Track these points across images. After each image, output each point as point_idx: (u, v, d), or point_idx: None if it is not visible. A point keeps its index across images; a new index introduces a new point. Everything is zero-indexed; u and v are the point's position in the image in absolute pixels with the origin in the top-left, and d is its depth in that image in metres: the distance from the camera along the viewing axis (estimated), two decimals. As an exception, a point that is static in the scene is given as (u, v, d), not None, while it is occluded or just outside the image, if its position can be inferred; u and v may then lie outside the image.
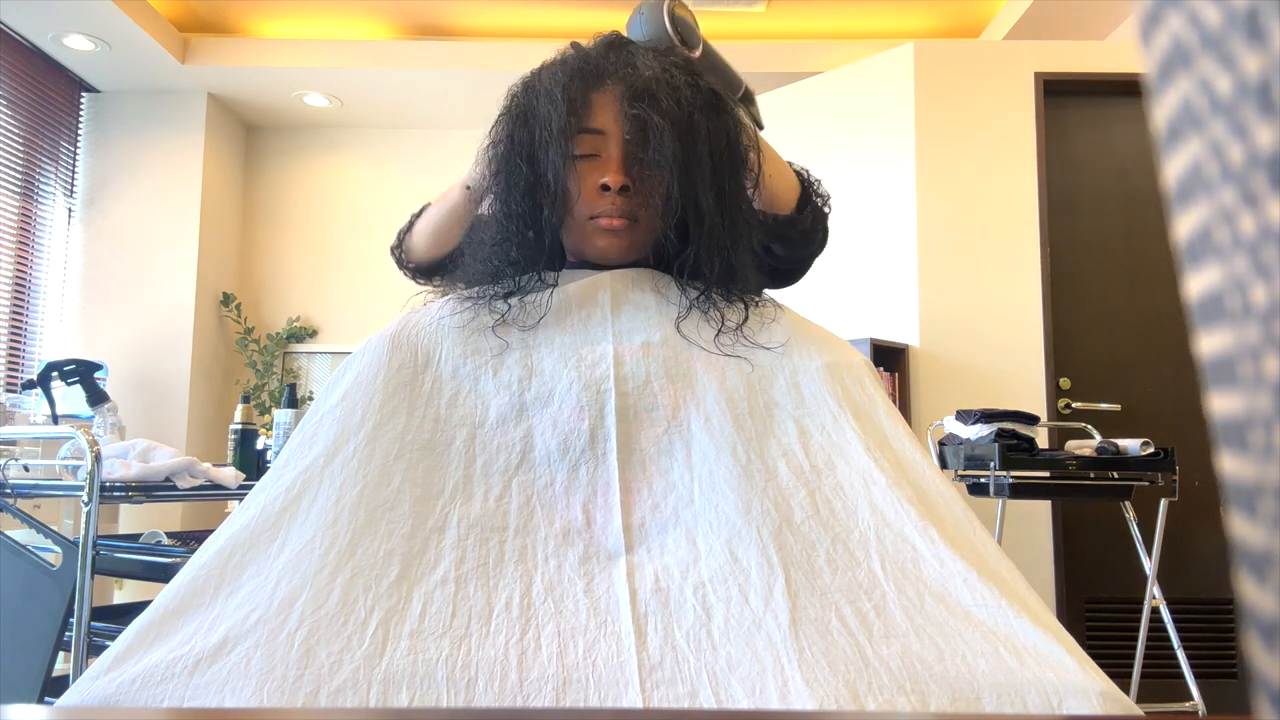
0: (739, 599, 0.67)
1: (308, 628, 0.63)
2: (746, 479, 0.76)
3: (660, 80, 0.93)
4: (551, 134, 0.92)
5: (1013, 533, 2.98)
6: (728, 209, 0.95)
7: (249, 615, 0.64)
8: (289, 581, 0.67)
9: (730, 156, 0.96)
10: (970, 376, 3.19)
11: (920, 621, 0.65)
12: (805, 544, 0.72)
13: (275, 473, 0.79)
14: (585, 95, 0.93)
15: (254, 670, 0.60)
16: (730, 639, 0.64)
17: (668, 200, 0.91)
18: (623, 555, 0.72)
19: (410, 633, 0.64)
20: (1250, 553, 0.18)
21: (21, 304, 3.89)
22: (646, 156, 0.91)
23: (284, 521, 0.73)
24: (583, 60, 0.96)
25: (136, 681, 0.60)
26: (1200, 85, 0.19)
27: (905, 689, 0.59)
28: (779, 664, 0.61)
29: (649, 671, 0.61)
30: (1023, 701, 0.59)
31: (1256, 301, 0.18)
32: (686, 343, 0.88)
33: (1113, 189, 3.31)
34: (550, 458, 0.80)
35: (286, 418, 2.25)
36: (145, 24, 3.75)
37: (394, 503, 0.74)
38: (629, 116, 0.92)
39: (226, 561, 0.70)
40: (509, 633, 0.64)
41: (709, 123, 0.94)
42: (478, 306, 0.93)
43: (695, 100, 0.94)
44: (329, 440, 0.80)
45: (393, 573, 0.68)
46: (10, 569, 1.88)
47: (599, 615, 0.66)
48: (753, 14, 3.88)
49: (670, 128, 0.91)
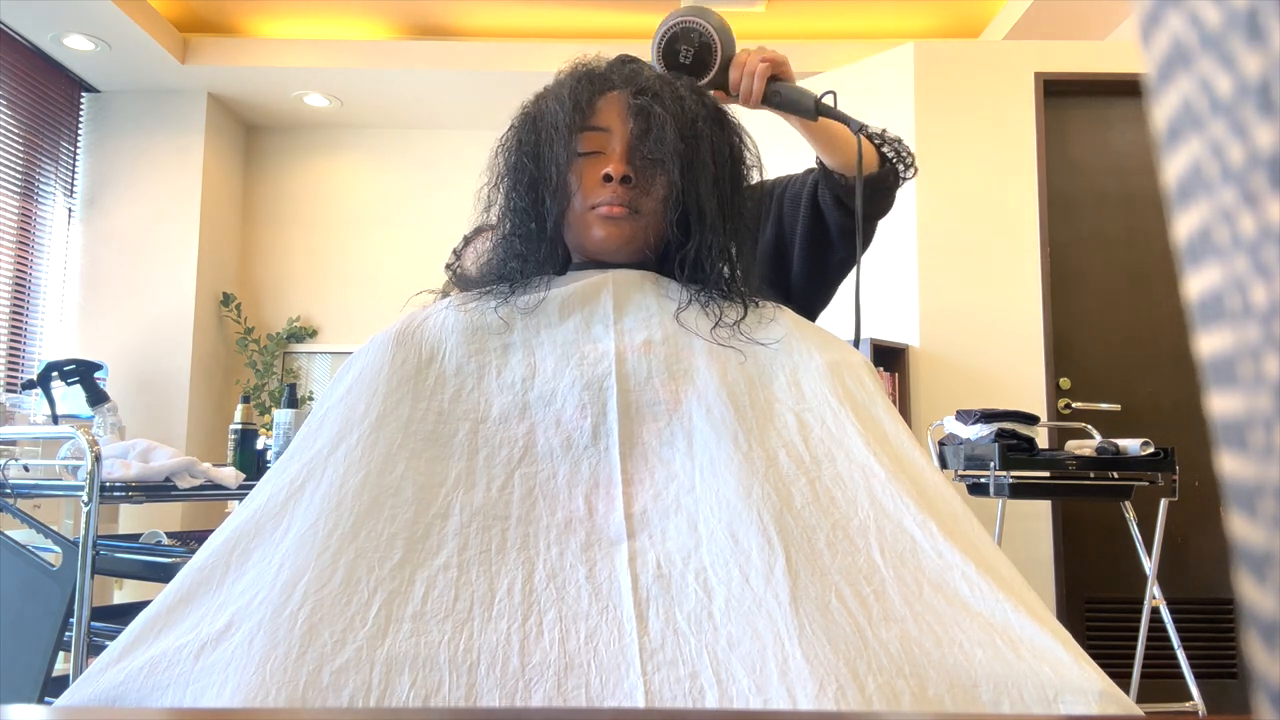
0: (740, 580, 0.67)
1: (310, 606, 0.63)
2: (748, 465, 0.77)
3: (665, 86, 0.97)
4: (557, 130, 0.94)
5: (1013, 533, 2.98)
6: (729, 210, 0.97)
7: (254, 598, 0.65)
8: (293, 562, 0.67)
9: (733, 166, 0.99)
10: (970, 376, 3.19)
11: (919, 608, 0.65)
12: (805, 527, 0.72)
13: (281, 465, 0.80)
14: (591, 97, 0.97)
15: (257, 649, 0.60)
16: (731, 619, 0.64)
17: (669, 191, 0.94)
18: (624, 541, 0.72)
19: (413, 615, 0.64)
20: (1250, 553, 0.18)
21: (21, 304, 3.89)
22: (649, 149, 0.94)
23: (289, 509, 0.74)
24: (590, 69, 1.00)
25: (144, 670, 0.61)
26: (1200, 85, 0.19)
27: (904, 672, 0.60)
28: (779, 641, 0.61)
29: (650, 655, 0.62)
30: (1019, 694, 0.59)
31: (1256, 301, 0.18)
32: (688, 340, 0.89)
33: (1113, 189, 3.31)
34: (553, 453, 0.80)
35: (286, 418, 2.25)
36: (145, 24, 3.75)
37: (397, 488, 0.74)
38: (633, 109, 0.95)
39: (233, 550, 0.71)
40: (511, 618, 0.64)
41: (713, 132, 0.97)
42: (482, 306, 0.93)
43: (699, 110, 0.97)
44: (333, 431, 0.80)
45: (396, 556, 0.68)
46: (10, 569, 1.88)
47: (600, 601, 0.66)
48: (753, 14, 3.88)
49: (673, 122, 0.94)
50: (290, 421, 2.25)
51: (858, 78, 3.50)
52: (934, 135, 3.30)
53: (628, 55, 1.04)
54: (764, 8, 3.82)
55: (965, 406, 2.64)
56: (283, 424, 2.25)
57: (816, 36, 4.05)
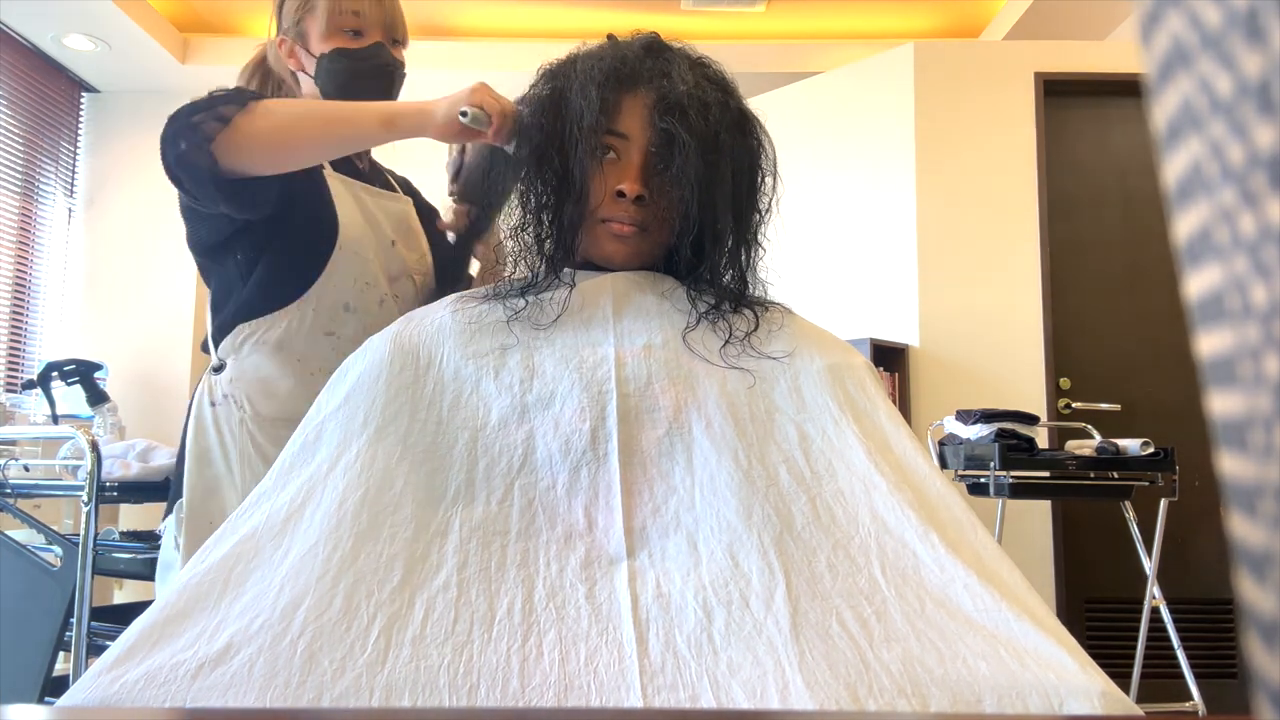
0: (740, 604, 0.67)
1: (310, 634, 0.63)
2: (748, 484, 0.77)
3: (692, 95, 0.92)
4: (581, 131, 0.92)
5: (1013, 533, 2.98)
6: (743, 226, 0.96)
7: (252, 621, 0.64)
8: (292, 587, 0.67)
9: (750, 177, 0.97)
10: (970, 376, 3.19)
11: (921, 626, 0.65)
12: (806, 550, 0.72)
13: (279, 479, 0.79)
14: (617, 96, 0.93)
15: (257, 676, 0.60)
16: (731, 643, 0.64)
17: (685, 219, 0.92)
18: (624, 560, 0.72)
19: (412, 639, 0.64)
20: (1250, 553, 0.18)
21: (21, 304, 3.89)
22: (669, 172, 0.91)
23: (288, 529, 0.73)
24: (619, 61, 0.95)
25: (140, 682, 0.61)
26: (1200, 85, 0.19)
27: (906, 692, 0.60)
28: (780, 667, 0.62)
29: (650, 677, 0.62)
30: (1024, 703, 0.59)
31: (1256, 301, 0.18)
32: (687, 345, 0.88)
33: (1113, 189, 3.31)
34: (552, 459, 0.80)
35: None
36: (145, 24, 3.75)
37: (396, 506, 0.74)
38: (657, 129, 0.92)
39: (232, 568, 0.70)
40: (511, 639, 0.64)
41: (734, 142, 0.95)
42: (484, 304, 0.93)
43: (724, 119, 0.94)
44: (333, 446, 0.80)
45: (395, 578, 0.68)
46: (10, 569, 1.88)
47: (600, 622, 0.66)
48: (752, 14, 3.88)
49: (696, 145, 0.90)
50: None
51: (858, 78, 3.50)
52: (934, 135, 3.30)
53: (659, 42, 1.00)
54: (764, 8, 3.82)
55: (965, 406, 2.64)
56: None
57: (816, 36, 4.05)
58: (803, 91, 3.65)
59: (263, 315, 1.19)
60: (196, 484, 1.22)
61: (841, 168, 3.47)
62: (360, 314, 1.21)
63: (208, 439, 1.22)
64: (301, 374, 1.19)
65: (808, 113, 3.60)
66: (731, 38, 3.98)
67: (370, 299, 1.22)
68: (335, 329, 1.20)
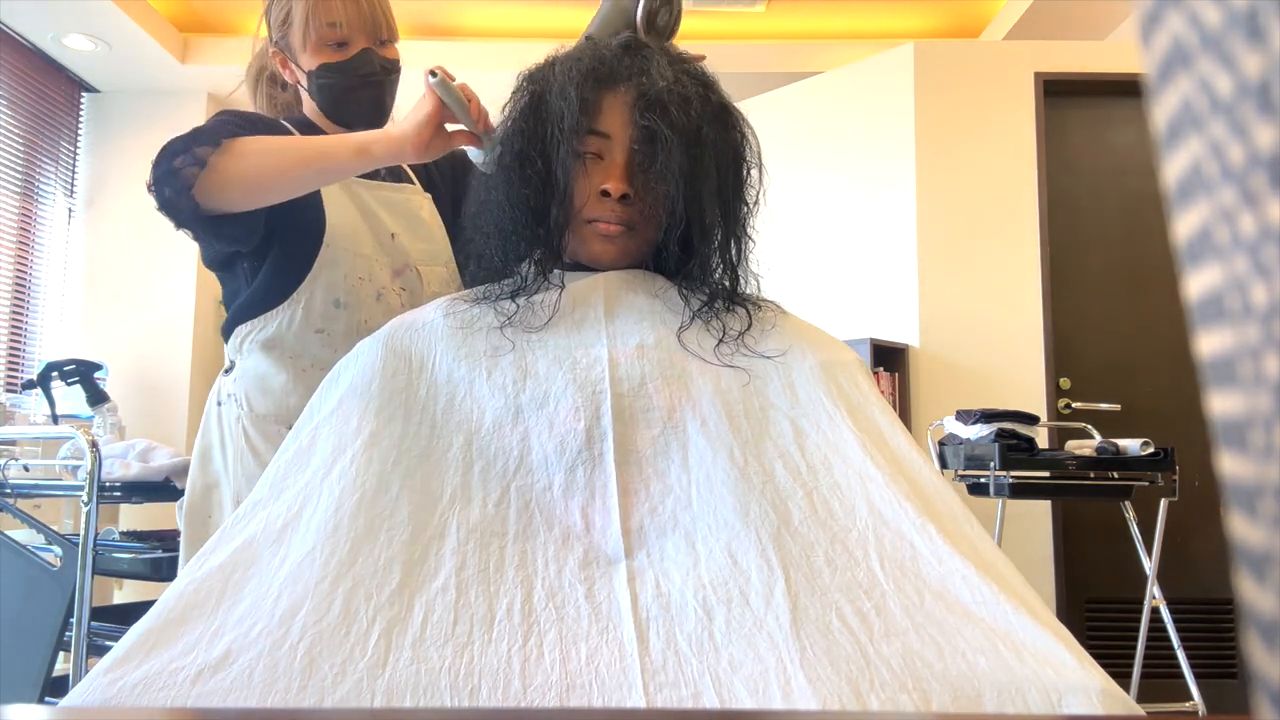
0: (740, 601, 0.67)
1: (310, 639, 0.63)
2: (744, 481, 0.77)
3: (672, 91, 0.91)
4: (562, 132, 0.91)
5: (1013, 533, 2.98)
6: (731, 219, 0.95)
7: (251, 627, 0.64)
8: (291, 593, 0.67)
9: (735, 170, 0.96)
10: (970, 376, 3.19)
11: (920, 619, 0.65)
12: (804, 545, 0.72)
13: (275, 485, 0.79)
14: (597, 96, 0.92)
15: (257, 682, 0.60)
16: (732, 641, 0.64)
17: (672, 215, 0.91)
18: (622, 560, 0.72)
19: (412, 642, 0.64)
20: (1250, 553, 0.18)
21: (21, 304, 3.89)
22: (653, 169, 0.91)
23: (285, 535, 0.73)
24: (597, 60, 0.94)
25: (138, 686, 0.61)
26: (1200, 85, 0.19)
27: (907, 687, 0.60)
28: (781, 664, 0.62)
29: (652, 675, 0.62)
30: (1023, 699, 0.59)
31: (1256, 301, 0.18)
32: (682, 344, 0.88)
33: (1113, 189, 3.31)
34: (548, 460, 0.79)
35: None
36: (145, 24, 3.75)
37: (393, 510, 0.74)
38: (638, 126, 0.91)
39: (229, 574, 0.70)
40: (511, 639, 0.64)
41: (717, 135, 0.94)
42: (475, 307, 0.93)
43: (705, 113, 0.93)
44: (327, 452, 0.80)
45: (394, 581, 0.68)
46: (10, 569, 1.88)
47: (600, 621, 0.66)
48: (753, 14, 3.88)
49: (679, 140, 0.90)
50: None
51: (858, 78, 3.50)
52: (934, 135, 3.30)
53: (637, 40, 1.00)
54: (764, 8, 3.82)
55: (965, 406, 2.64)
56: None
57: (816, 36, 4.05)
58: (803, 91, 3.65)
59: (258, 315, 1.22)
60: (198, 480, 1.26)
61: (841, 168, 3.47)
62: (352, 309, 1.22)
63: (210, 437, 1.26)
64: (294, 370, 1.21)
65: (808, 113, 3.60)
66: (731, 38, 3.98)
67: (365, 294, 1.23)
68: (325, 326, 1.21)
